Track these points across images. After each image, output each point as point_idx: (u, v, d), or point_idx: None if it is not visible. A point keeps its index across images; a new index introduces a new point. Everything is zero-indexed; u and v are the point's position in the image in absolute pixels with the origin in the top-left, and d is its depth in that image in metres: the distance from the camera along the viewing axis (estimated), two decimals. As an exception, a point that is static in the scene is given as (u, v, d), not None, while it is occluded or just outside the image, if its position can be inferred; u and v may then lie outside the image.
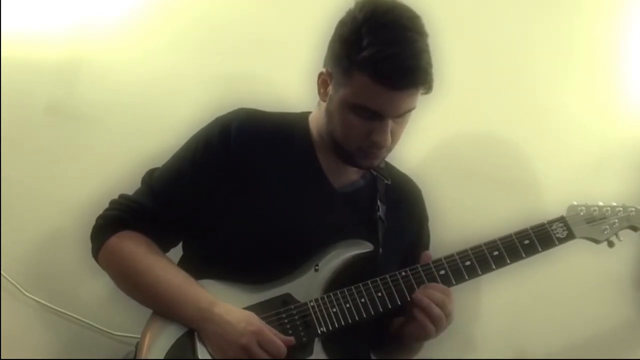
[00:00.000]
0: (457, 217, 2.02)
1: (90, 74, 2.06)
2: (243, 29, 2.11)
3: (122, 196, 1.63)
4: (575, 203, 1.63)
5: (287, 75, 2.03)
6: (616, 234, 1.62)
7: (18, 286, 1.98)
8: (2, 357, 1.92)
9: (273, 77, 2.07)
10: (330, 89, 1.55)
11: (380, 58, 1.43)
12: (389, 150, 1.59)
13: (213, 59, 2.10)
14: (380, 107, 1.48)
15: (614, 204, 1.64)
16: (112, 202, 1.63)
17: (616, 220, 1.62)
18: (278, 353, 1.42)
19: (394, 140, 1.56)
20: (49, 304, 1.99)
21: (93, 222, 1.62)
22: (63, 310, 2.00)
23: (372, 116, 1.49)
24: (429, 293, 1.49)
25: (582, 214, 1.61)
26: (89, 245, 1.62)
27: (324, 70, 1.57)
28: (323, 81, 1.58)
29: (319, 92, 1.60)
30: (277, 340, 1.42)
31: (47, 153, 2.04)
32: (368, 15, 1.47)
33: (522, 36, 2.12)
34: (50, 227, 2.03)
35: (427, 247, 1.77)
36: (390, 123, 1.50)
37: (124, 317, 1.94)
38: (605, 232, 1.61)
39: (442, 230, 1.84)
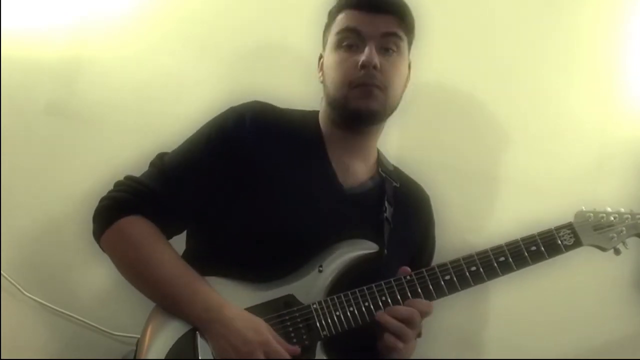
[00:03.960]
0: (458, 218, 2.02)
1: (91, 74, 2.06)
2: (243, 28, 2.11)
3: (128, 177, 1.60)
4: (583, 209, 1.60)
5: (288, 74, 2.03)
6: (623, 242, 1.59)
7: (18, 286, 1.98)
8: (2, 357, 1.92)
9: (274, 76, 2.07)
10: (324, 58, 1.67)
11: None
12: (385, 90, 1.60)
13: (213, 59, 2.10)
14: (358, 26, 1.58)
15: (622, 210, 1.60)
16: (118, 184, 1.60)
17: (624, 228, 1.58)
18: None
19: (387, 78, 1.59)
20: (48, 304, 1.99)
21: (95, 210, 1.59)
22: (62, 310, 1.99)
23: (355, 42, 1.58)
24: (393, 311, 1.48)
25: (590, 220, 1.58)
26: (90, 245, 1.60)
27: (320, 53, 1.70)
28: (322, 64, 1.67)
29: (319, 76, 1.69)
30: (283, 351, 1.42)
31: (47, 153, 2.04)
32: None
33: (524, 36, 2.12)
34: (50, 227, 2.02)
35: (432, 253, 1.77)
36: (373, 48, 1.57)
37: (123, 316, 1.95)
38: (613, 240, 1.58)
39: (444, 232, 1.84)
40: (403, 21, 1.62)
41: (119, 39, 2.07)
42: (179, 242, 1.65)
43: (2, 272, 1.97)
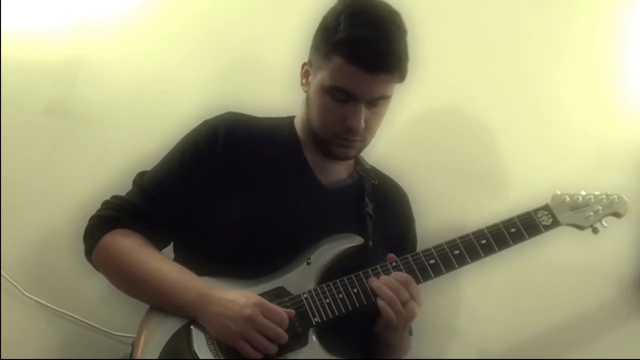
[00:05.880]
0: (452, 217, 2.02)
1: (90, 74, 2.08)
2: (242, 29, 2.12)
3: (114, 197, 1.65)
4: (558, 192, 1.66)
5: (288, 74, 2.03)
6: (600, 221, 1.64)
7: (18, 286, 1.99)
8: (2, 357, 1.92)
9: (273, 76, 2.07)
10: (310, 77, 1.62)
11: (355, 39, 1.51)
12: (365, 141, 1.63)
13: (212, 59, 2.11)
14: (353, 88, 1.53)
15: (597, 192, 1.67)
16: (105, 203, 1.65)
17: (600, 208, 1.64)
18: (281, 321, 1.43)
19: (370, 131, 1.60)
20: (48, 304, 2.00)
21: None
22: (63, 310, 2.00)
23: (346, 99, 1.54)
24: (383, 279, 1.51)
25: (566, 201, 1.64)
26: (86, 246, 1.62)
27: (306, 60, 1.64)
28: (305, 72, 1.65)
29: (302, 83, 1.67)
30: (280, 309, 1.45)
31: (47, 153, 2.05)
32: (348, 4, 1.57)
33: (520, 34, 2.11)
34: (50, 227, 2.03)
35: (414, 248, 1.78)
36: (363, 108, 1.55)
37: (123, 317, 1.94)
38: (590, 219, 1.64)
39: (435, 229, 1.83)
40: (399, 73, 1.56)
41: (119, 39, 2.09)
42: (167, 249, 1.67)
43: (2, 272, 1.98)
